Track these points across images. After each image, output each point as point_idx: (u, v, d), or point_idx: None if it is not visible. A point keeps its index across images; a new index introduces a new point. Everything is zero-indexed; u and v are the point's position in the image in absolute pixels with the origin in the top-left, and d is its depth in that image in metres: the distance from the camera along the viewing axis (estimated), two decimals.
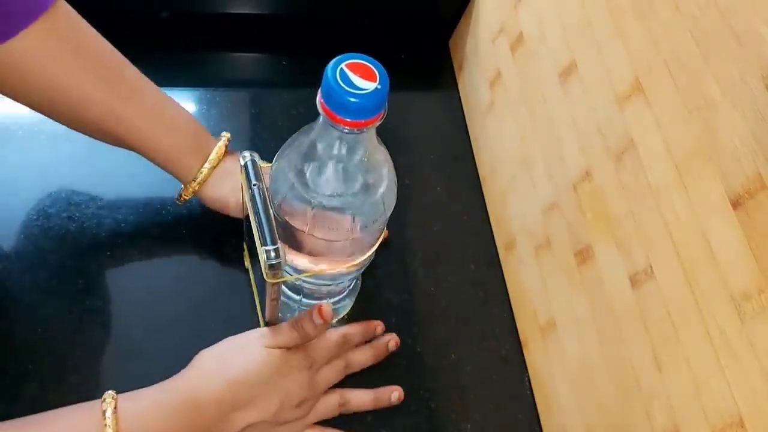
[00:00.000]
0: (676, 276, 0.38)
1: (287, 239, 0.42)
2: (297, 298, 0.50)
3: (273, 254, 0.39)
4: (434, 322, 0.56)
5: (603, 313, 0.45)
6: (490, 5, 0.64)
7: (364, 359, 0.51)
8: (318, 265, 0.44)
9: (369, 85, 0.34)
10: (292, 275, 0.45)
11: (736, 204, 0.34)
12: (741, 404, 0.34)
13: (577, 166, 0.48)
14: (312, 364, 0.46)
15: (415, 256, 0.60)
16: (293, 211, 0.40)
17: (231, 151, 0.53)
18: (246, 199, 0.41)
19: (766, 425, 0.32)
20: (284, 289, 0.50)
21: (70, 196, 0.57)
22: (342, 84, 0.34)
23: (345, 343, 0.50)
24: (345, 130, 0.35)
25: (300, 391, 0.45)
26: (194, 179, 0.51)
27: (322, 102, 0.35)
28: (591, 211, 0.47)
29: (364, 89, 0.34)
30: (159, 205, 0.58)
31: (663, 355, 0.39)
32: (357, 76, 0.34)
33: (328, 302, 0.48)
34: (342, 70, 0.34)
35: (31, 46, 0.43)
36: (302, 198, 0.40)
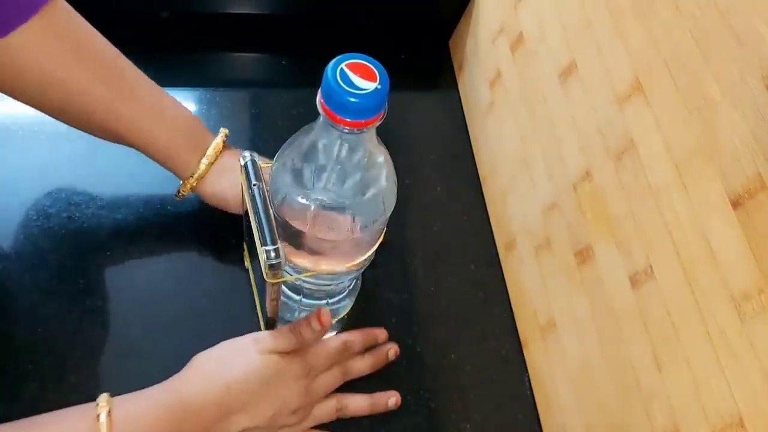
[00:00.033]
0: (676, 276, 0.38)
1: (287, 239, 0.42)
2: (297, 298, 0.50)
3: (273, 254, 0.39)
4: (434, 322, 0.56)
5: (603, 313, 0.45)
6: (490, 5, 0.64)
7: (363, 367, 0.51)
8: (318, 265, 0.44)
9: (369, 85, 0.34)
10: (292, 275, 0.45)
11: (736, 204, 0.34)
12: (741, 404, 0.34)
13: (577, 166, 0.48)
14: (310, 371, 0.46)
15: (415, 256, 0.60)
16: (293, 211, 0.40)
17: (230, 147, 0.53)
18: (246, 199, 0.41)
19: (766, 425, 0.32)
20: (284, 289, 0.50)
21: (70, 196, 0.57)
22: (342, 84, 0.34)
23: (345, 350, 0.49)
24: (345, 130, 0.35)
25: (296, 398, 0.45)
26: (192, 175, 0.51)
27: (322, 102, 0.35)
28: (591, 211, 0.47)
29: (364, 89, 0.34)
30: (159, 205, 0.58)
31: (663, 355, 0.39)
32: (357, 76, 0.34)
33: (327, 307, 0.48)
34: (342, 70, 0.34)
35: (30, 42, 0.43)
36: (302, 198, 0.40)
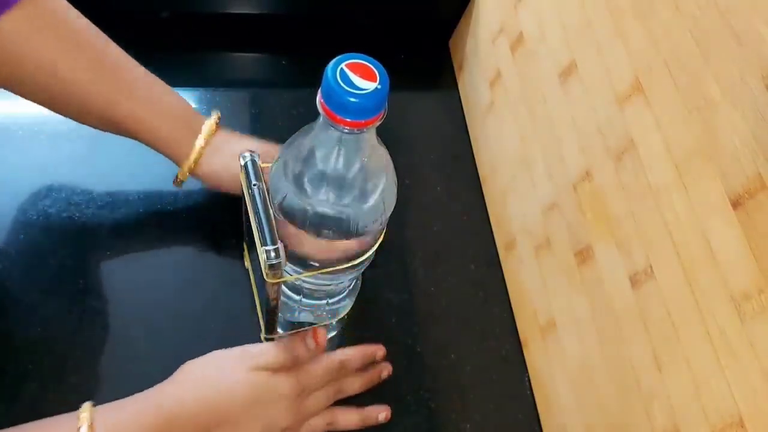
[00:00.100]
0: (676, 276, 0.38)
1: (287, 239, 0.42)
2: (297, 298, 0.50)
3: (273, 254, 0.39)
4: (434, 322, 0.56)
5: (603, 313, 0.45)
6: (490, 5, 0.64)
7: (357, 387, 0.49)
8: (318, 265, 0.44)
9: (369, 85, 0.34)
10: (292, 275, 0.45)
11: (736, 204, 0.34)
12: (741, 404, 0.34)
13: (577, 166, 0.48)
14: (302, 390, 0.45)
15: (415, 256, 0.60)
16: (293, 211, 0.40)
17: (222, 127, 0.53)
18: (246, 199, 0.41)
19: (766, 425, 0.32)
20: (284, 289, 0.50)
21: (70, 196, 0.57)
22: (342, 84, 0.34)
23: (342, 369, 0.48)
24: (345, 130, 0.35)
25: (286, 418, 0.44)
26: (187, 158, 0.51)
27: (322, 102, 0.35)
28: (591, 211, 0.47)
29: (364, 89, 0.34)
30: (159, 205, 0.58)
31: (663, 355, 0.39)
32: (357, 76, 0.34)
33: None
34: (342, 70, 0.34)
35: (19, 29, 0.43)
36: (302, 198, 0.40)
